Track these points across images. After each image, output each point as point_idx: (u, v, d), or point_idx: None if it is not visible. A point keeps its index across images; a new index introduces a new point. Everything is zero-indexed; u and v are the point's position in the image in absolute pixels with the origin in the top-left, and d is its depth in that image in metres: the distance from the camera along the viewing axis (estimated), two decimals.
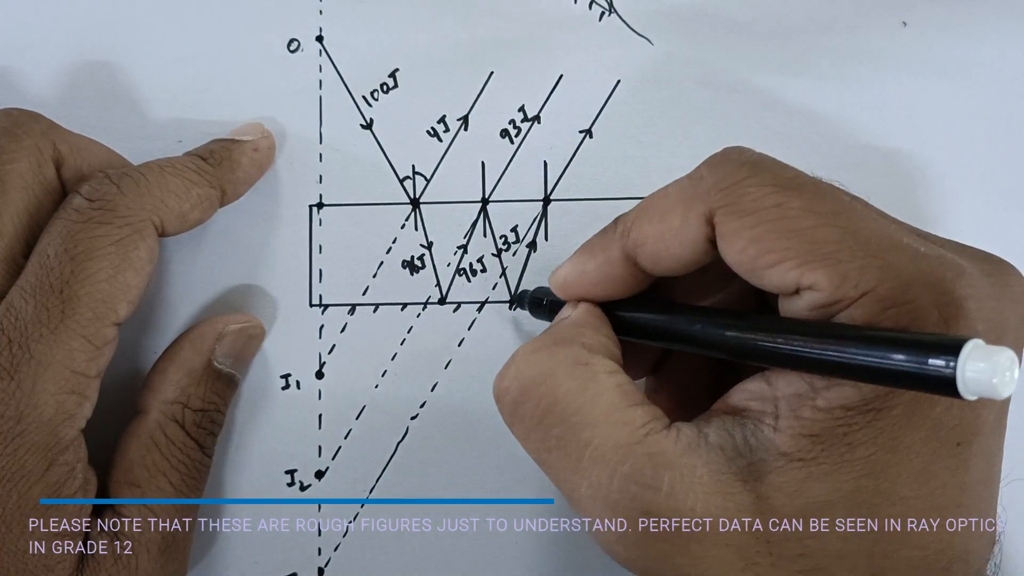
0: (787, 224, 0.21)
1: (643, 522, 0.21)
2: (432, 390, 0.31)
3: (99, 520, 0.26)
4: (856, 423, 0.21)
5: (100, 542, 0.26)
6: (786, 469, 0.21)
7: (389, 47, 0.32)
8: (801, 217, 0.21)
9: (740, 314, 0.23)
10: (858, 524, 0.21)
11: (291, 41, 0.32)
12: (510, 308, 0.31)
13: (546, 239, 0.31)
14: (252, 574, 0.30)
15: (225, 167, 0.29)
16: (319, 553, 0.30)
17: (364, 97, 0.32)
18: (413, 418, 0.31)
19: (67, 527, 0.25)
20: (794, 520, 0.21)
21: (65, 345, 0.25)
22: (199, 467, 0.28)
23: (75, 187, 0.26)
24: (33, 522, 0.24)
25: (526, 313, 0.31)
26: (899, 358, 0.18)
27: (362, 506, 0.30)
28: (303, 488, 0.31)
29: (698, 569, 0.21)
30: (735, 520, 0.21)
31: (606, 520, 0.22)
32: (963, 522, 0.21)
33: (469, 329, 0.31)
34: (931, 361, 0.18)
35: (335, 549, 0.30)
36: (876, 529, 0.21)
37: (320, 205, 0.31)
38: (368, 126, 0.32)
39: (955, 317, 0.20)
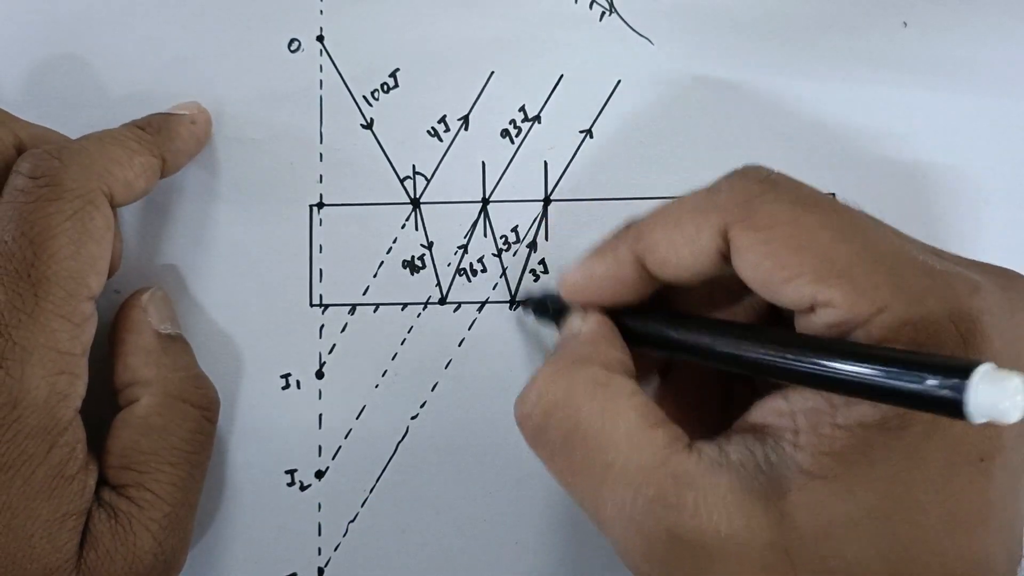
0: (801, 240, 0.21)
1: (668, 541, 0.21)
2: (432, 390, 0.31)
3: (98, 498, 0.26)
4: (876, 441, 0.21)
5: (99, 520, 0.26)
6: (807, 487, 0.21)
7: (389, 47, 0.32)
8: (816, 233, 0.21)
9: (750, 328, 0.23)
10: (880, 541, 0.21)
11: (291, 41, 0.32)
12: (511, 308, 0.31)
13: (546, 239, 0.31)
14: (252, 574, 0.30)
15: (164, 136, 0.29)
16: (319, 553, 0.30)
17: (364, 97, 0.32)
18: (413, 418, 0.31)
19: (71, 507, 0.25)
20: (817, 538, 0.21)
21: (46, 327, 0.24)
22: (202, 440, 0.28)
23: (15, 166, 0.26)
24: (39, 505, 0.24)
25: (527, 312, 0.31)
26: (908, 379, 0.19)
27: (362, 506, 0.30)
28: (303, 488, 0.30)
29: None
30: (758, 538, 0.21)
31: (632, 540, 0.22)
32: (987, 537, 0.21)
33: (469, 329, 0.31)
34: (940, 383, 0.18)
35: (335, 549, 0.30)
36: (898, 547, 0.21)
37: (320, 205, 0.31)
38: (368, 126, 0.32)
39: (971, 333, 0.20)
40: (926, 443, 0.21)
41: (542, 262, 0.31)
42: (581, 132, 0.31)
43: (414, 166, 0.31)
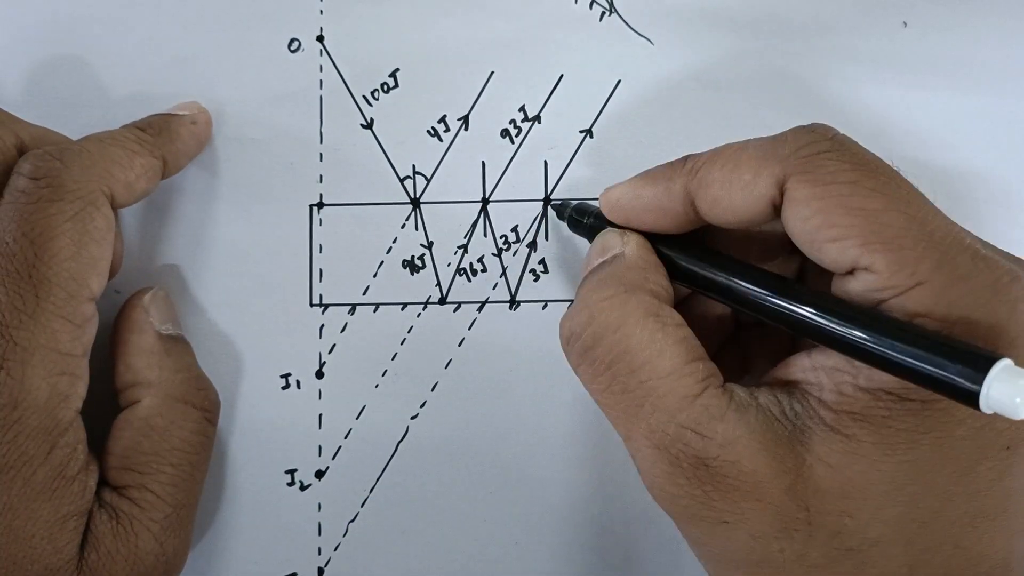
0: (856, 202, 0.21)
1: (694, 467, 0.22)
2: (432, 390, 0.31)
3: (99, 499, 0.26)
4: (897, 408, 0.21)
5: (100, 521, 0.26)
6: (828, 441, 0.21)
7: (389, 47, 0.32)
8: (871, 198, 0.21)
9: (784, 280, 0.24)
10: (899, 519, 0.21)
11: (291, 41, 0.32)
12: (510, 308, 0.31)
13: (546, 239, 0.31)
14: (252, 574, 0.30)
15: (164, 137, 0.29)
16: (319, 553, 0.30)
17: (364, 97, 0.32)
18: (413, 418, 0.31)
19: (72, 508, 0.25)
20: (833, 494, 0.21)
21: (47, 328, 0.24)
22: (203, 440, 0.28)
23: (16, 167, 0.26)
24: (40, 506, 0.24)
25: (527, 311, 0.31)
26: (928, 361, 0.19)
27: (362, 506, 0.30)
28: (303, 488, 0.30)
29: (736, 516, 0.22)
30: (778, 481, 0.21)
31: (659, 462, 0.23)
32: (1008, 531, 0.21)
33: (469, 329, 0.31)
34: (959, 372, 0.19)
35: (335, 549, 0.30)
36: (919, 530, 0.21)
37: (320, 205, 0.31)
38: (368, 126, 0.32)
39: (1004, 320, 0.20)
40: (949, 421, 0.21)
41: (542, 262, 0.31)
42: (581, 132, 0.31)
43: (414, 166, 0.31)
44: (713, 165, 0.24)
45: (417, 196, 0.31)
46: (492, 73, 0.32)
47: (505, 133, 0.31)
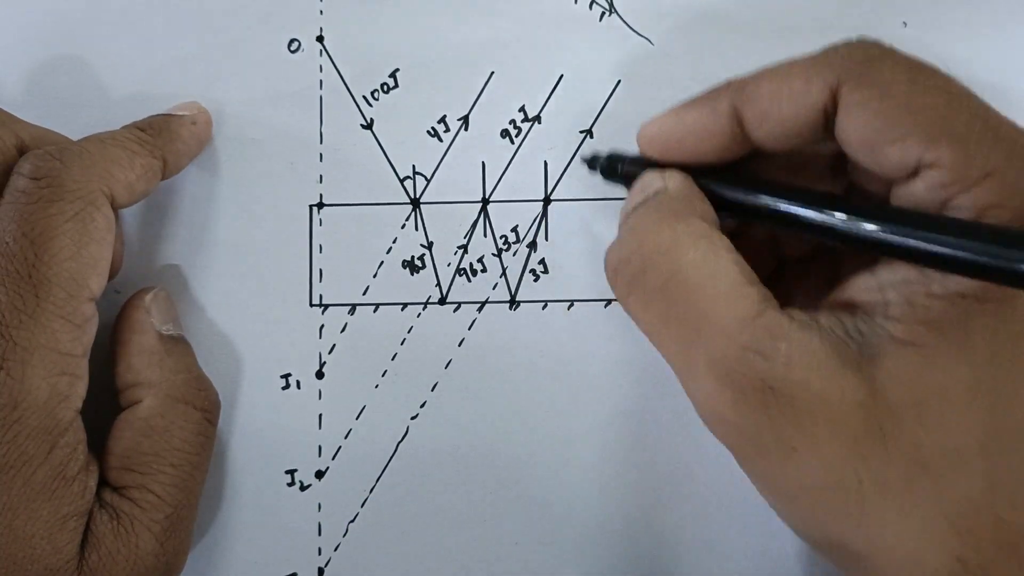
0: (917, 100, 0.21)
1: (758, 391, 0.21)
2: (432, 390, 0.31)
3: (100, 499, 0.26)
4: (974, 311, 0.20)
5: (101, 521, 0.26)
6: (900, 355, 0.21)
7: (389, 47, 0.32)
8: (932, 94, 0.21)
9: (846, 199, 0.23)
10: (977, 427, 0.20)
11: (291, 41, 0.32)
12: (511, 306, 0.31)
13: (546, 239, 0.31)
14: (252, 574, 0.30)
15: (164, 137, 0.29)
16: (319, 553, 0.30)
17: (364, 97, 0.32)
18: (413, 418, 0.31)
19: (72, 508, 0.25)
20: (908, 408, 0.20)
21: (47, 328, 0.24)
22: (203, 441, 0.28)
23: (16, 167, 0.26)
24: (40, 506, 0.24)
25: (527, 311, 0.31)
26: (1009, 255, 0.18)
27: (362, 506, 0.30)
28: (303, 488, 0.31)
29: (807, 442, 0.21)
30: (849, 399, 0.21)
31: (721, 389, 0.22)
32: None
33: (469, 329, 0.31)
34: None
35: (335, 549, 0.30)
36: (998, 438, 0.20)
37: (320, 205, 0.31)
38: (368, 126, 0.32)
39: None
40: None
41: (542, 262, 0.31)
42: (581, 132, 0.31)
43: (414, 166, 0.31)
44: (762, 78, 0.23)
45: (417, 196, 0.31)
46: (492, 73, 0.32)
47: (505, 133, 0.31)
